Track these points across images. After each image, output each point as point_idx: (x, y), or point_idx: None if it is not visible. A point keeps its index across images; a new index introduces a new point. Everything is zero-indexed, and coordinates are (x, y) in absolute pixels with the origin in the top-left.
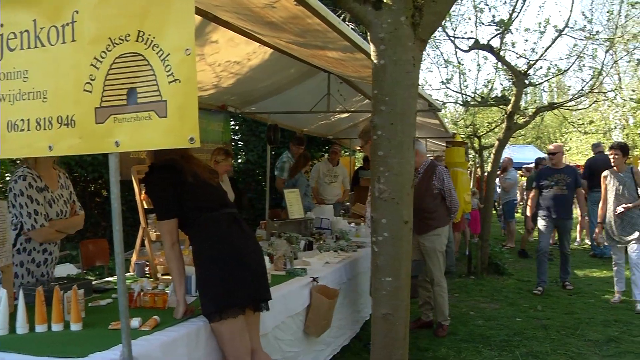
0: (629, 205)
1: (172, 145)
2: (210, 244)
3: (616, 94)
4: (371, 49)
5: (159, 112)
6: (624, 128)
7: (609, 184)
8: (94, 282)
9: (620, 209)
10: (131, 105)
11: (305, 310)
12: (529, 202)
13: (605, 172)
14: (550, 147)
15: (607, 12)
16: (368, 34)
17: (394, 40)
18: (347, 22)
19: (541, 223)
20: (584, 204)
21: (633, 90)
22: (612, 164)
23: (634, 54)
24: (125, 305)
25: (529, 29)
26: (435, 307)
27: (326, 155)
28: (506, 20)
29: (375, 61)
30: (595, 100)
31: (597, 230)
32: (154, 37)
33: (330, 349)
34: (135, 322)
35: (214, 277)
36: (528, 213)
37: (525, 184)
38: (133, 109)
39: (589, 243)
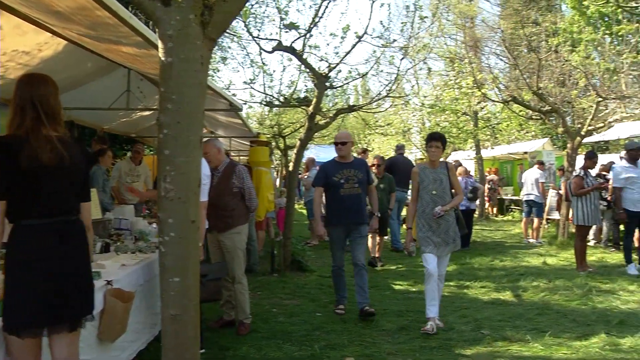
0: (446, 207)
1: None
2: (13, 257)
3: (410, 99)
4: (159, 46)
5: None
6: (421, 131)
7: (422, 182)
8: None
9: (438, 210)
10: None
11: (99, 315)
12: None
13: (416, 168)
14: (339, 134)
15: (402, 22)
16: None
17: (182, 38)
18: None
19: (332, 233)
20: (377, 204)
21: (425, 96)
22: (431, 158)
23: (426, 62)
24: None
25: (335, 34)
26: (236, 305)
27: (129, 154)
28: (295, 24)
29: (162, 58)
30: (393, 104)
31: (408, 238)
32: None
33: (126, 354)
34: None
35: (9, 290)
36: (316, 216)
37: None
38: None
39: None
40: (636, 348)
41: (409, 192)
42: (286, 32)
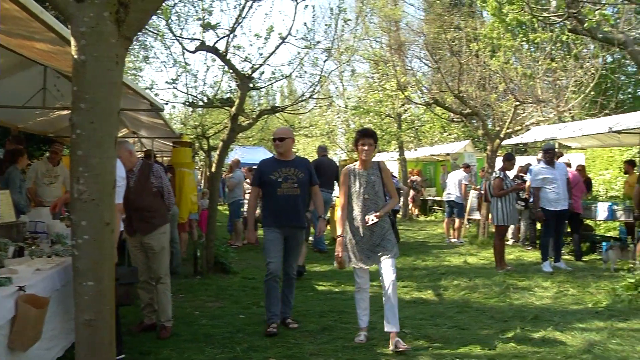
0: (380, 212)
1: None
2: None
3: (333, 100)
4: (72, 43)
5: None
6: (346, 132)
7: (352, 186)
8: None
9: (371, 218)
10: None
11: (10, 322)
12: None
13: (346, 169)
14: (278, 130)
15: (326, 24)
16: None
17: (96, 35)
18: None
19: (269, 235)
20: (323, 207)
21: (348, 98)
22: (363, 158)
23: (349, 64)
24: None
25: (259, 35)
26: (158, 307)
27: (47, 154)
28: (214, 24)
29: (75, 57)
30: (317, 105)
31: (339, 249)
32: None
33: None
34: None
35: None
36: (249, 220)
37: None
38: None
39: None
40: (548, 342)
41: (334, 192)
42: (205, 31)
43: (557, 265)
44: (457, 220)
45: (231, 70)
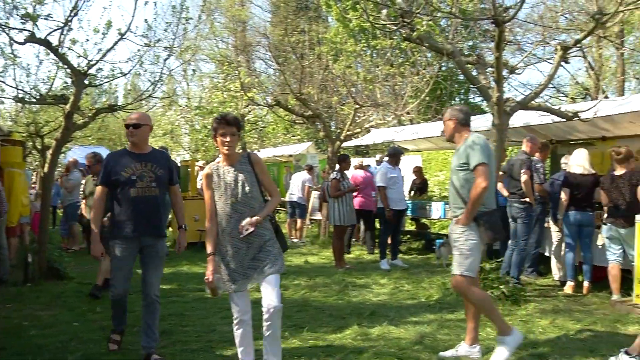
0: (257, 218)
1: None
2: None
3: (175, 99)
4: None
5: None
6: (190, 132)
7: (217, 188)
8: None
9: (246, 227)
10: None
11: None
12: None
13: (208, 169)
14: (132, 115)
15: (166, 22)
16: None
17: None
18: None
19: (117, 249)
20: (182, 212)
21: (188, 98)
22: (225, 151)
23: (191, 63)
24: None
25: (98, 30)
26: None
27: None
28: (33, 15)
29: None
30: (157, 105)
31: (209, 272)
32: None
33: None
34: None
35: None
36: (94, 227)
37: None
38: None
39: None
40: (384, 336)
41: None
42: (33, 22)
43: (394, 263)
44: (299, 221)
45: (66, 66)
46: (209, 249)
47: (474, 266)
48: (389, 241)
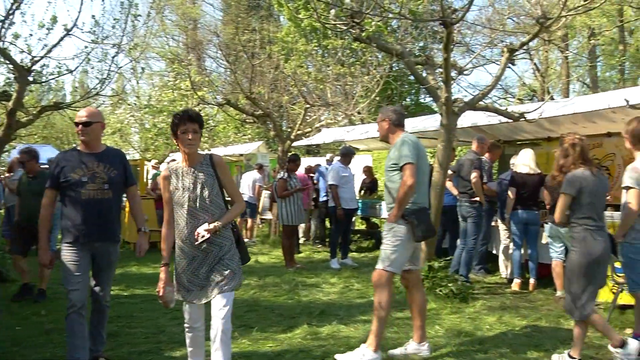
0: (215, 224)
1: None
2: None
3: (124, 97)
4: None
5: None
6: (139, 131)
7: (175, 192)
8: None
9: (202, 233)
10: None
11: None
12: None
13: (166, 171)
14: (82, 112)
15: (114, 19)
16: None
17: None
18: None
19: (68, 254)
20: (141, 214)
21: (137, 96)
22: (187, 150)
23: (139, 61)
24: None
25: (43, 25)
26: None
27: None
28: None
29: None
30: (104, 102)
31: (160, 284)
32: None
33: None
34: None
35: None
36: (42, 234)
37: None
38: None
39: None
40: (333, 335)
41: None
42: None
43: (344, 262)
44: (249, 220)
45: (8, 62)
46: (163, 257)
47: (398, 263)
48: (340, 240)
